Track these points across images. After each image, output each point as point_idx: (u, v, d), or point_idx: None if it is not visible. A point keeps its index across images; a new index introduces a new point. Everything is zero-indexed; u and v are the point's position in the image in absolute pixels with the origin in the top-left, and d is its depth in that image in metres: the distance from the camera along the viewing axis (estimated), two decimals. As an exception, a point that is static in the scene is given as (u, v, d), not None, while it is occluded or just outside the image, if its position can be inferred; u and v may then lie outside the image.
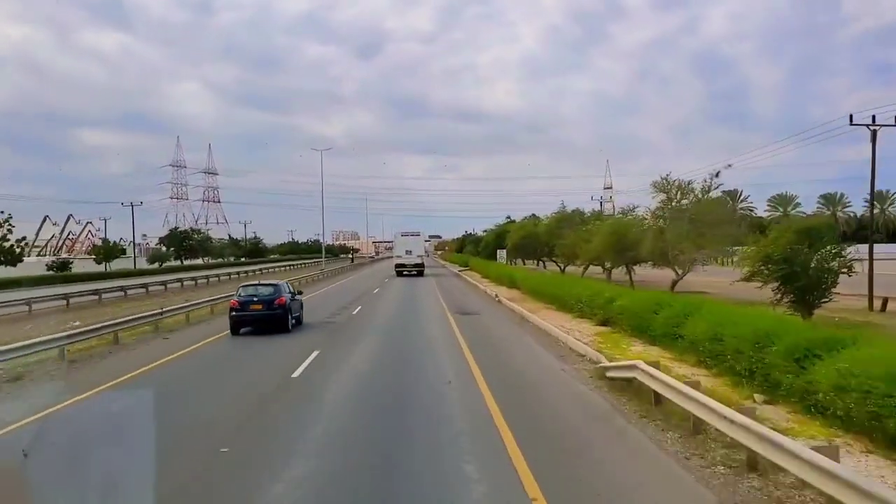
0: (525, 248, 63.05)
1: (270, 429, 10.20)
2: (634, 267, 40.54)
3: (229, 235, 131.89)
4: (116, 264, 75.24)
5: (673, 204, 34.42)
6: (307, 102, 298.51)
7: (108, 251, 74.38)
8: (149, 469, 7.32)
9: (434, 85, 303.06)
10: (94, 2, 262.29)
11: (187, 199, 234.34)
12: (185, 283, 50.42)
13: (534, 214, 70.91)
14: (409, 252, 65.05)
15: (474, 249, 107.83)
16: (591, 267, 46.20)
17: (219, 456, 8.71)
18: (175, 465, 8.04)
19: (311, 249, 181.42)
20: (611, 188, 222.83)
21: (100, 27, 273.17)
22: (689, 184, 34.52)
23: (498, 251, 59.68)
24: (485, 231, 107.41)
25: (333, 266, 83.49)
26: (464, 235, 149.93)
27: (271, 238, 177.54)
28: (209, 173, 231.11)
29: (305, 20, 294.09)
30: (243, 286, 23.73)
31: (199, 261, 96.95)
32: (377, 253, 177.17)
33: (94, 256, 76.61)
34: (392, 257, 75.33)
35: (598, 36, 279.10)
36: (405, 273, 62.16)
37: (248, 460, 8.49)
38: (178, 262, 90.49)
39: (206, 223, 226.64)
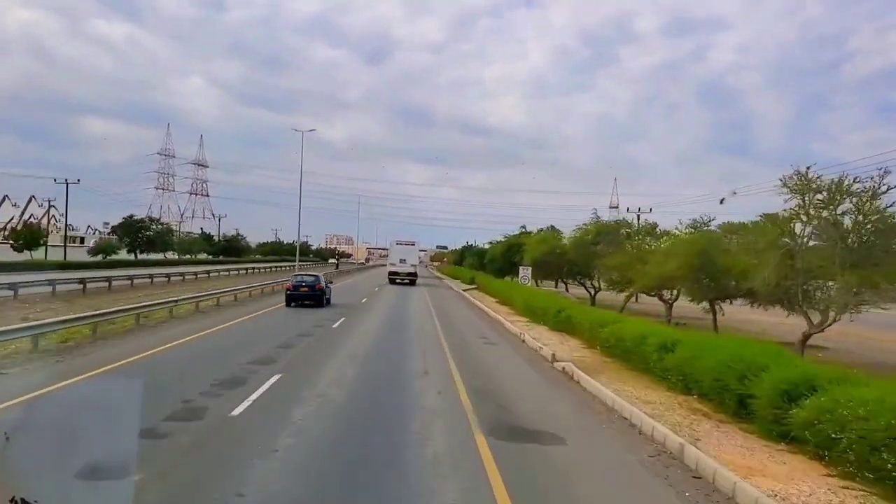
0: (546, 267, 50.04)
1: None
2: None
3: (202, 230, 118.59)
4: (45, 253, 62.07)
5: (824, 213, 21.10)
6: (312, 104, 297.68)
7: (29, 237, 61.19)
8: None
9: (440, 95, 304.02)
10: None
11: (174, 191, 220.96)
12: (90, 284, 36.99)
13: (552, 226, 57.87)
14: (402, 261, 64.38)
15: (476, 263, 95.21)
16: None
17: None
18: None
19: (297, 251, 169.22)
20: (616, 207, 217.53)
21: (110, 17, 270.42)
22: (844, 183, 21.27)
23: (521, 269, 46.22)
24: (490, 243, 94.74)
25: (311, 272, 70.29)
26: (463, 247, 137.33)
27: (262, 237, 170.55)
28: (199, 165, 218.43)
29: (316, 22, 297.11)
30: (295, 275, 38.03)
31: (161, 255, 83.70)
32: (367, 259, 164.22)
33: (11, 242, 63.52)
34: (385, 265, 75.27)
35: (606, 59, 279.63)
36: (398, 281, 61.80)
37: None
38: (131, 256, 77.27)
39: (193, 216, 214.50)
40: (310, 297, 32.71)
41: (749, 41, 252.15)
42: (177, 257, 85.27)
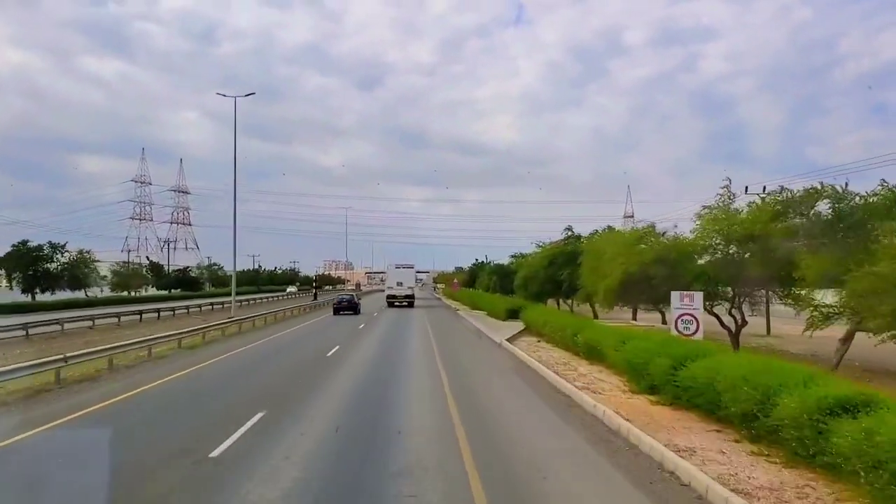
0: (635, 288, 28.15)
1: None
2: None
3: (147, 258, 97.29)
4: None
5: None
6: (307, 132, 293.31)
7: None
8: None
9: (433, 117, 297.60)
10: (95, 29, 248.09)
11: (152, 220, 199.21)
12: None
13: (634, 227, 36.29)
14: (400, 284, 64.83)
15: (493, 283, 73.44)
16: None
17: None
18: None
19: (281, 279, 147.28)
20: (632, 217, 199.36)
21: (100, 55, 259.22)
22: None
23: (680, 297, 21.02)
24: (514, 258, 72.49)
25: (253, 312, 48.85)
26: (474, 265, 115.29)
27: (241, 265, 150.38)
28: (179, 192, 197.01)
29: (307, 51, 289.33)
30: (338, 294, 60.14)
31: (74, 294, 61.91)
32: (358, 285, 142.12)
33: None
34: (382, 290, 77.87)
35: (597, 72, 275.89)
36: (396, 304, 63.09)
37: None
38: (27, 298, 55.61)
39: (175, 248, 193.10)
40: (348, 308, 51.95)
41: (739, 49, 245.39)
42: (96, 296, 63.35)
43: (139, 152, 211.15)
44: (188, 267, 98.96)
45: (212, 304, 56.45)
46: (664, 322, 31.09)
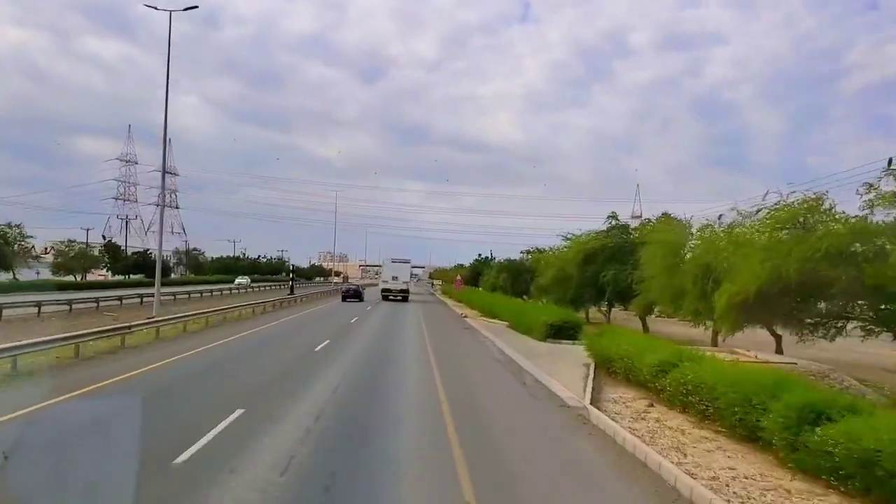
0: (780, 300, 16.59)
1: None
2: None
3: (103, 237, 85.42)
4: None
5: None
6: (307, 122, 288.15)
7: None
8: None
9: (435, 112, 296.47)
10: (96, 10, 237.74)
11: (136, 202, 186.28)
12: None
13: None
14: (395, 278, 65.39)
15: (504, 282, 61.97)
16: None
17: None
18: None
19: (266, 269, 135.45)
20: (640, 217, 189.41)
21: (102, 35, 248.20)
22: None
23: None
24: (529, 252, 60.84)
25: (192, 308, 37.33)
26: (477, 260, 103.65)
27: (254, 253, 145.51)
28: (167, 173, 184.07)
29: (310, 40, 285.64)
30: (344, 285, 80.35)
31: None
32: (346, 278, 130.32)
33: None
34: (376, 283, 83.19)
35: (601, 73, 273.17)
36: (391, 298, 62.97)
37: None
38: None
39: (161, 231, 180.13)
40: (354, 295, 62.06)
41: (744, 55, 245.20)
42: (16, 279, 51.48)
43: (137, 133, 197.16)
44: (148, 249, 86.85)
45: (141, 296, 44.17)
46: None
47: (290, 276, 68.97)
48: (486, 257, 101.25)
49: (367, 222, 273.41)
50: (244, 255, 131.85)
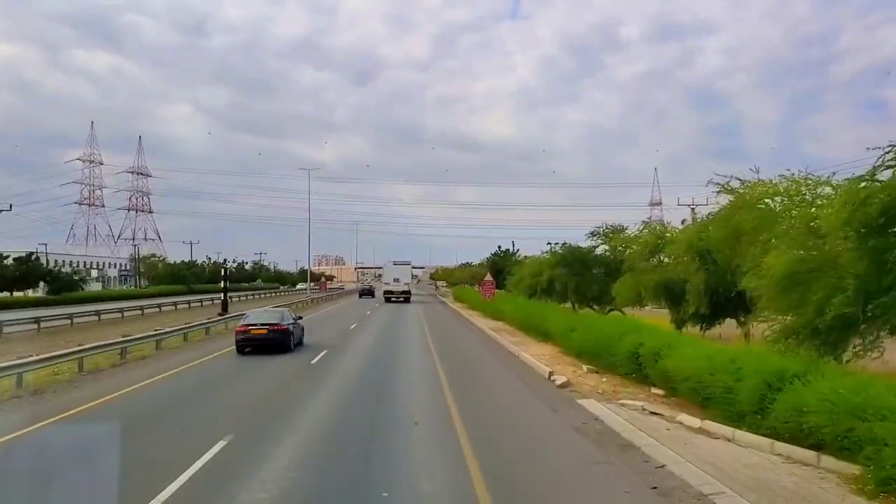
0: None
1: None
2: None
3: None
4: None
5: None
6: (300, 127, 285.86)
7: None
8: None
9: (428, 112, 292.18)
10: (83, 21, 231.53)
11: (102, 206, 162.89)
12: None
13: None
14: (397, 280, 66.27)
15: (558, 282, 39.86)
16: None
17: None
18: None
19: (240, 277, 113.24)
20: (659, 204, 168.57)
21: (90, 48, 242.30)
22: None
23: None
24: (604, 234, 38.28)
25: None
26: (496, 255, 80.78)
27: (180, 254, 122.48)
28: (137, 174, 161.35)
29: (300, 45, 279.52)
30: (360, 285, 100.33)
31: None
32: (323, 284, 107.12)
33: None
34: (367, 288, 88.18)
35: (593, 67, 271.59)
36: (393, 299, 63.73)
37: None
38: None
39: (134, 238, 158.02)
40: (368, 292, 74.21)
41: (736, 44, 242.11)
42: None
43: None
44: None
45: None
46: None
47: (223, 285, 44.79)
48: (508, 250, 78.83)
49: (362, 224, 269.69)
50: (210, 260, 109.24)
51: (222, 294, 42.16)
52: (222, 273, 42.71)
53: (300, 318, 27.15)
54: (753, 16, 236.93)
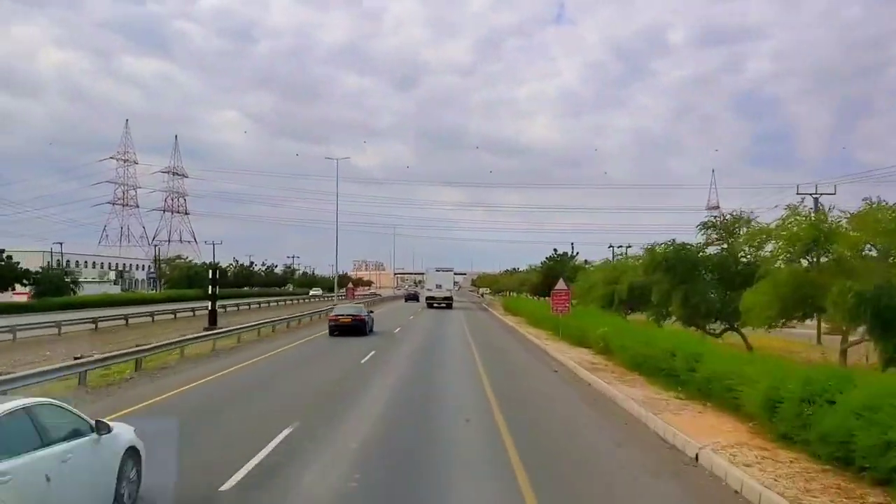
0: None
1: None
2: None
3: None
4: None
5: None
6: (343, 133, 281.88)
7: None
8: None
9: (470, 117, 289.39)
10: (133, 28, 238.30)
11: (136, 207, 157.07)
12: None
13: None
14: (439, 286, 66.22)
15: (657, 292, 29.52)
16: None
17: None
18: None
19: (269, 281, 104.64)
20: (717, 208, 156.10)
21: (138, 54, 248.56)
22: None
23: None
24: (725, 230, 27.71)
25: None
26: (552, 259, 69.82)
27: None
28: (173, 174, 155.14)
29: (344, 51, 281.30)
30: (405, 290, 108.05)
31: None
32: (351, 292, 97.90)
33: None
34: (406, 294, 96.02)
35: (639, 72, 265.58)
36: (435, 305, 63.88)
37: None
38: None
39: (168, 241, 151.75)
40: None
41: (786, 49, 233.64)
42: None
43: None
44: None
45: None
46: None
47: (211, 291, 34.22)
48: (565, 253, 68.01)
49: (403, 230, 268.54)
50: (237, 263, 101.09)
51: (209, 303, 32.37)
52: (210, 275, 32.81)
53: (372, 311, 38.20)
54: (805, 20, 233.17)
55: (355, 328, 31.12)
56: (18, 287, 49.12)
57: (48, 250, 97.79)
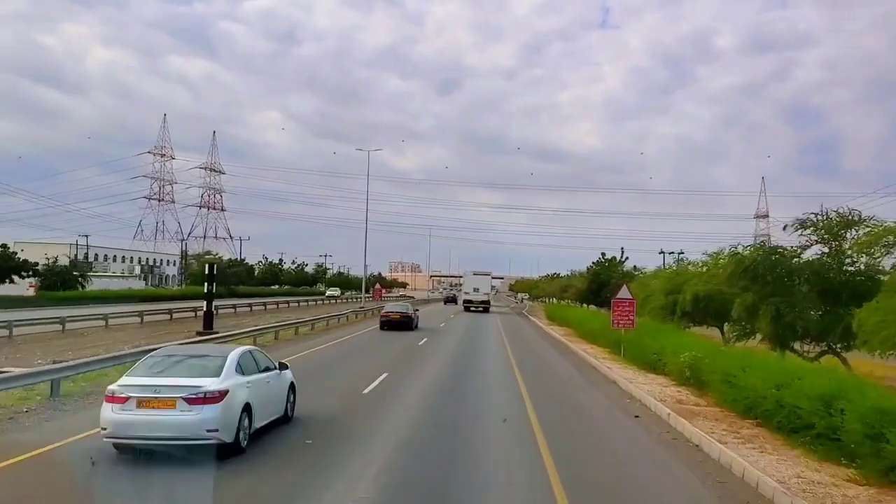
0: None
1: None
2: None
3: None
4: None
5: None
6: (383, 135, 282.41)
7: None
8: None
9: (512, 122, 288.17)
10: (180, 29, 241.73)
11: (173, 202, 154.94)
12: None
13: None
14: (476, 290, 66.41)
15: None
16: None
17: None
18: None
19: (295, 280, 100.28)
20: (766, 216, 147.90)
21: (186, 54, 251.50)
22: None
23: None
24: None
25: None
26: (600, 263, 63.98)
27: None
28: (210, 170, 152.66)
29: (387, 54, 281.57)
30: (445, 293, 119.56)
31: None
32: (381, 286, 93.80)
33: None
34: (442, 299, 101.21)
35: (684, 79, 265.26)
36: (472, 308, 64.07)
37: None
38: None
39: (204, 236, 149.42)
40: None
41: (837, 57, 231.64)
42: None
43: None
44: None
45: None
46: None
47: (207, 290, 27.34)
48: (614, 258, 62.13)
49: (441, 232, 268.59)
50: (266, 261, 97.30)
51: (205, 303, 27.46)
52: (206, 272, 27.79)
53: (417, 309, 42.63)
54: (858, 27, 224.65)
55: (403, 324, 35.20)
56: (17, 279, 45.48)
57: (74, 243, 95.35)
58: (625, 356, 23.06)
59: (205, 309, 27.27)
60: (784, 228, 23.71)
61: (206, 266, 26.90)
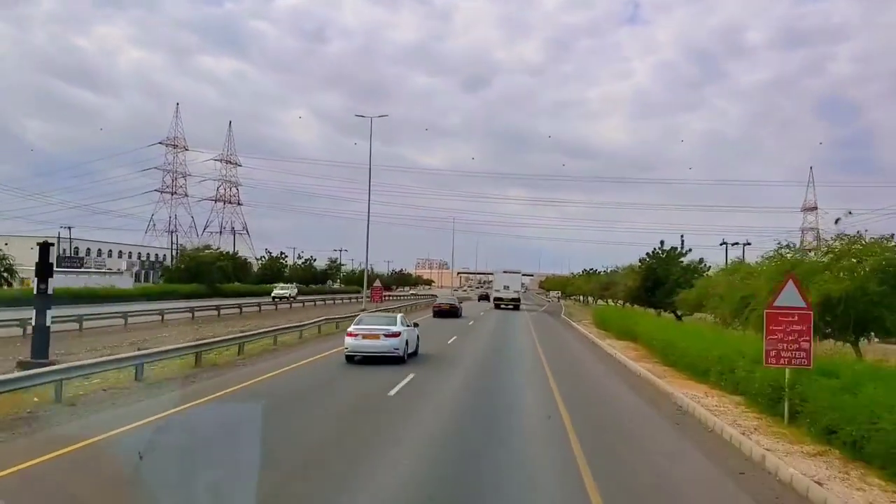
0: None
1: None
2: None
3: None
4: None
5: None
6: (410, 132, 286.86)
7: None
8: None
9: (540, 118, 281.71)
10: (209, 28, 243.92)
11: (186, 196, 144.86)
12: None
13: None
14: (506, 287, 67.05)
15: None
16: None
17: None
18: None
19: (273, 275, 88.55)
20: (814, 208, 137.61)
21: (216, 54, 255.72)
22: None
23: None
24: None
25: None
26: (656, 255, 51.74)
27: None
28: (226, 162, 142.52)
29: (414, 51, 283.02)
30: (479, 291, 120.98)
31: None
32: (381, 285, 77.89)
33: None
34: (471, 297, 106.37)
35: (714, 74, 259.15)
36: (502, 306, 64.83)
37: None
38: None
39: (220, 231, 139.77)
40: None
41: (871, 51, 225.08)
42: None
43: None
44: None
45: None
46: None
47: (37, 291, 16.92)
48: (674, 248, 49.77)
49: (469, 228, 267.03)
50: (266, 256, 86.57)
51: (34, 315, 16.22)
52: (38, 258, 17.52)
53: (462, 301, 63.08)
54: (893, 20, 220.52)
55: (451, 312, 49.51)
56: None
57: (60, 236, 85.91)
58: (809, 430, 10.89)
59: (33, 322, 15.88)
60: (836, 221, 20.50)
61: (39, 248, 15.22)
